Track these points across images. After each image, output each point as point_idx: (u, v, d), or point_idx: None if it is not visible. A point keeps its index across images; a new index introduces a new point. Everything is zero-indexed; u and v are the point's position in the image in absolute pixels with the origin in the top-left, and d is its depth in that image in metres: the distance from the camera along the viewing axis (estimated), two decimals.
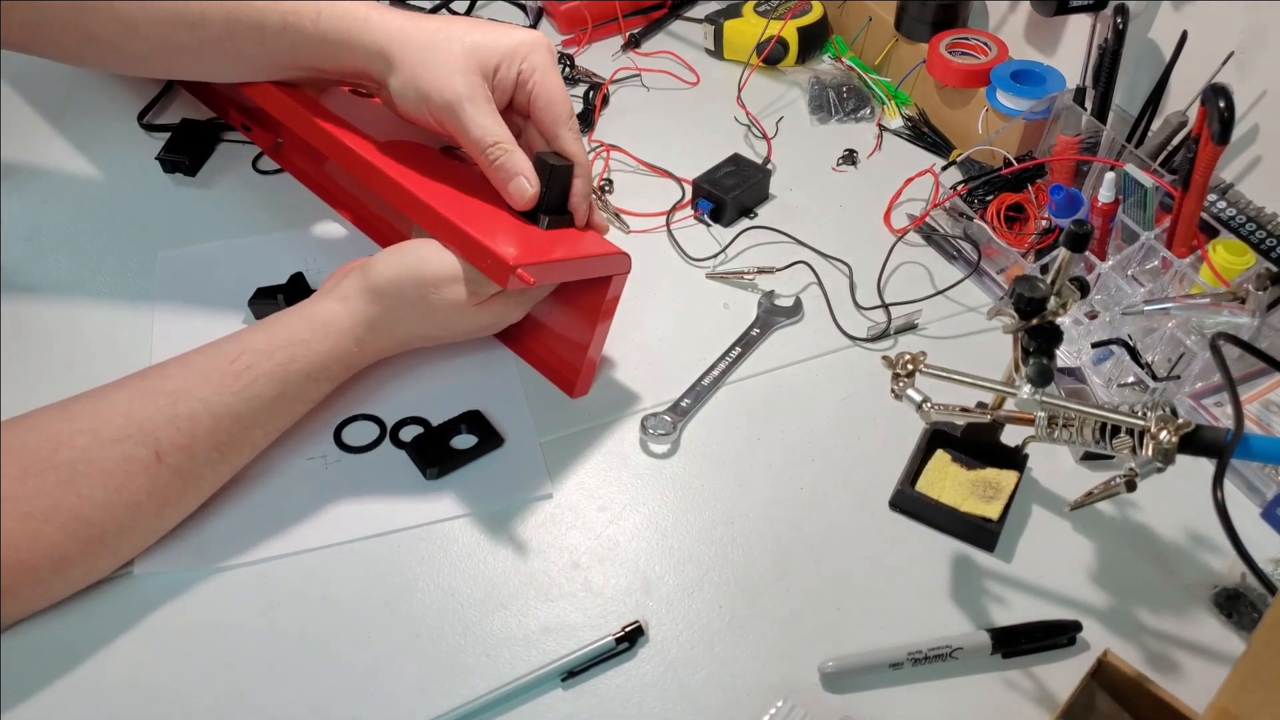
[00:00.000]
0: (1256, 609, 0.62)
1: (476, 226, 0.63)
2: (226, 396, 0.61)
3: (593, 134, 0.94)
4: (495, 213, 0.67)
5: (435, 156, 0.73)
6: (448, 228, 0.63)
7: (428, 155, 0.72)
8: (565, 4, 1.04)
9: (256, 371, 0.62)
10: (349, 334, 0.65)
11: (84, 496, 0.57)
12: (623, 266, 0.68)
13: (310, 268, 0.80)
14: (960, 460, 0.69)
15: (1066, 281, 0.57)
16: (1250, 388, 0.71)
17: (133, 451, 0.58)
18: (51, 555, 0.56)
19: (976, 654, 0.60)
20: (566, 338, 0.73)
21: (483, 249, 0.61)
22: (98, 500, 0.57)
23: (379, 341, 0.67)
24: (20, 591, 0.57)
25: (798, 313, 0.80)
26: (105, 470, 0.57)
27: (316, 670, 0.59)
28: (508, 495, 0.67)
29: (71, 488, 0.56)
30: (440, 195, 0.66)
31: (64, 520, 0.56)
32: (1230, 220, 0.75)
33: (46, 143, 0.90)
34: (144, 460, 0.58)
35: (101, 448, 0.57)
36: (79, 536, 0.57)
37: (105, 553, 0.59)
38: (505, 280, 0.60)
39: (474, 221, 0.64)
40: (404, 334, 0.68)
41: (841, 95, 0.98)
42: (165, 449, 0.59)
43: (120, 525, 0.59)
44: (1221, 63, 0.76)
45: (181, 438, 0.59)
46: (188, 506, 0.62)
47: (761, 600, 0.63)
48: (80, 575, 0.59)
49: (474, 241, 0.62)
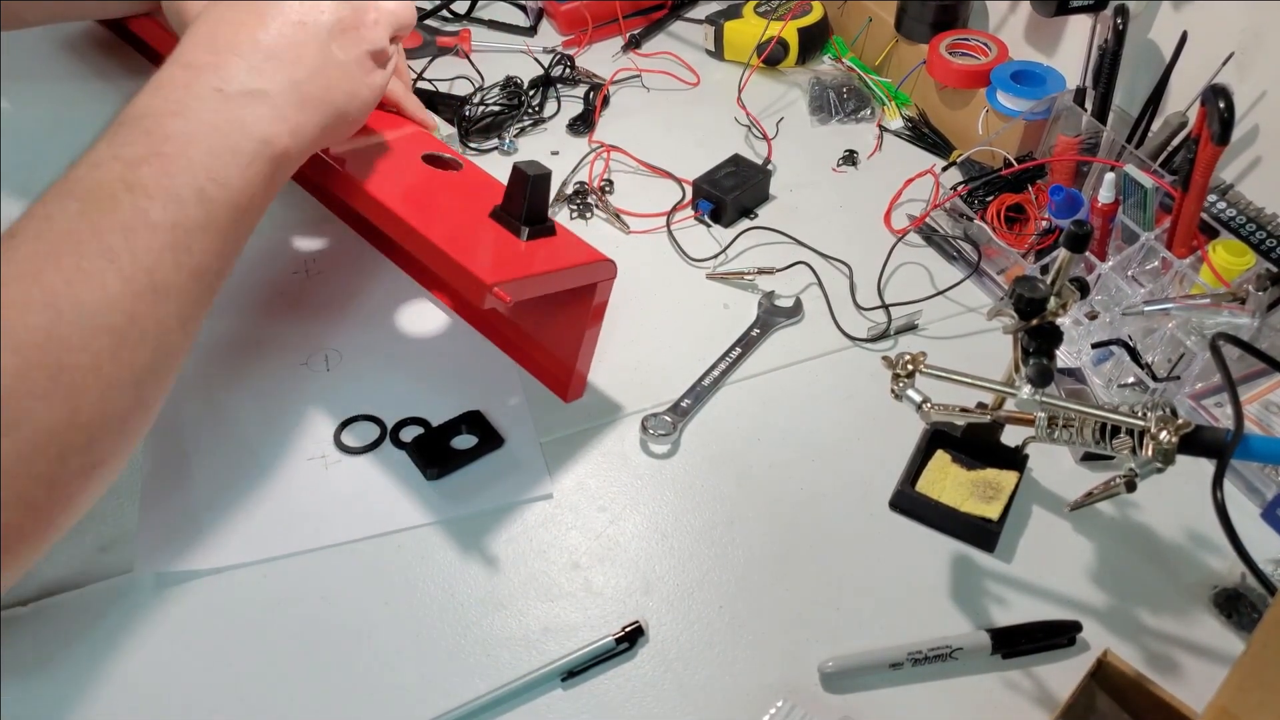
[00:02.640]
0: (1256, 609, 0.62)
1: (453, 243, 0.61)
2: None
3: (593, 134, 0.94)
4: (474, 226, 0.66)
5: (415, 165, 0.70)
6: (423, 244, 0.61)
7: (407, 163, 0.70)
8: (566, 5, 1.04)
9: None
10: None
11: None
12: (608, 273, 0.67)
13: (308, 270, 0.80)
14: (960, 460, 0.69)
15: (1066, 282, 0.57)
16: (1250, 388, 0.71)
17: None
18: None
19: (976, 654, 0.60)
20: (557, 343, 0.73)
21: (459, 267, 0.59)
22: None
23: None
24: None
25: (798, 313, 0.80)
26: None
27: (316, 670, 0.59)
28: (508, 495, 0.67)
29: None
30: (417, 208, 0.64)
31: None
32: (1230, 221, 0.75)
33: (47, 143, 0.90)
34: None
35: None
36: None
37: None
38: (482, 299, 0.58)
39: (451, 237, 0.62)
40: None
41: (842, 96, 0.98)
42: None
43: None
44: (1221, 63, 0.76)
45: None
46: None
47: (761, 600, 0.63)
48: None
49: (450, 260, 0.60)
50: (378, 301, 0.79)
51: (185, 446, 0.68)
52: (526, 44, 1.04)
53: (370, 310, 0.78)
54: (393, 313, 0.78)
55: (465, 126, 0.93)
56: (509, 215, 0.66)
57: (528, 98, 0.97)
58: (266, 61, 0.55)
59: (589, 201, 0.88)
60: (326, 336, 0.76)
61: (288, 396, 0.72)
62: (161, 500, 0.65)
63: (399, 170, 0.68)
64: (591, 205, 0.88)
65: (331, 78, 0.58)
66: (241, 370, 0.73)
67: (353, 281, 0.80)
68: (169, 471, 0.67)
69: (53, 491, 0.47)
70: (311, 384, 0.73)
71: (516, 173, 0.65)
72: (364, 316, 0.78)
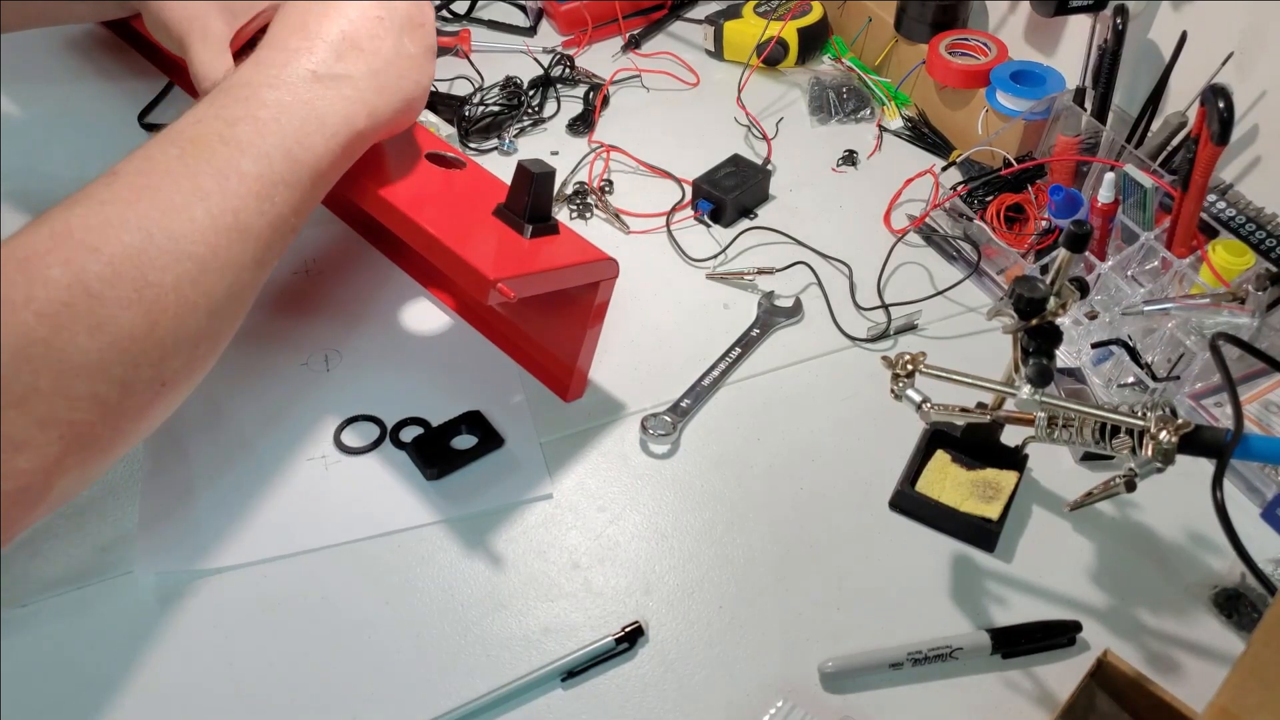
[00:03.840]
0: (1256, 609, 0.62)
1: (457, 239, 0.61)
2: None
3: (593, 135, 0.94)
4: (478, 223, 0.66)
5: (419, 164, 0.71)
6: (428, 240, 0.62)
7: (411, 162, 0.70)
8: (565, 5, 1.04)
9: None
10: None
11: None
12: (610, 272, 0.67)
13: (309, 270, 0.80)
14: (960, 460, 0.69)
15: (1066, 282, 0.57)
16: (1250, 388, 0.71)
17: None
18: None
19: (976, 654, 0.60)
20: (558, 342, 0.73)
21: (463, 263, 0.60)
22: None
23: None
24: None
25: (798, 313, 0.80)
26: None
27: (316, 670, 0.59)
28: (508, 495, 0.67)
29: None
30: (421, 205, 0.64)
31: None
32: (1230, 220, 0.75)
33: (47, 144, 0.90)
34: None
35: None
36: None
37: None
38: (486, 295, 0.59)
39: (456, 233, 0.62)
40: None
41: (841, 96, 0.98)
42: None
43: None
44: (1221, 63, 0.76)
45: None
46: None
47: (761, 600, 0.63)
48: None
49: (454, 256, 0.60)
50: (378, 301, 0.79)
51: (185, 446, 0.68)
52: (526, 44, 1.04)
53: (370, 310, 0.78)
54: (393, 313, 0.78)
55: (465, 127, 0.93)
56: (512, 213, 0.66)
57: (527, 98, 0.97)
58: (351, 50, 0.62)
59: (589, 202, 0.88)
60: (326, 336, 0.76)
61: (288, 396, 0.72)
62: (161, 500, 0.65)
63: (404, 168, 0.68)
64: (591, 205, 0.88)
65: (403, 68, 0.64)
66: (241, 370, 0.73)
67: (353, 281, 0.80)
68: (169, 471, 0.67)
69: (125, 397, 0.50)
70: (311, 384, 0.73)
71: (521, 171, 0.65)
72: (364, 316, 0.78)
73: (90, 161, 0.88)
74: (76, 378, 0.48)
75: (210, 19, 0.66)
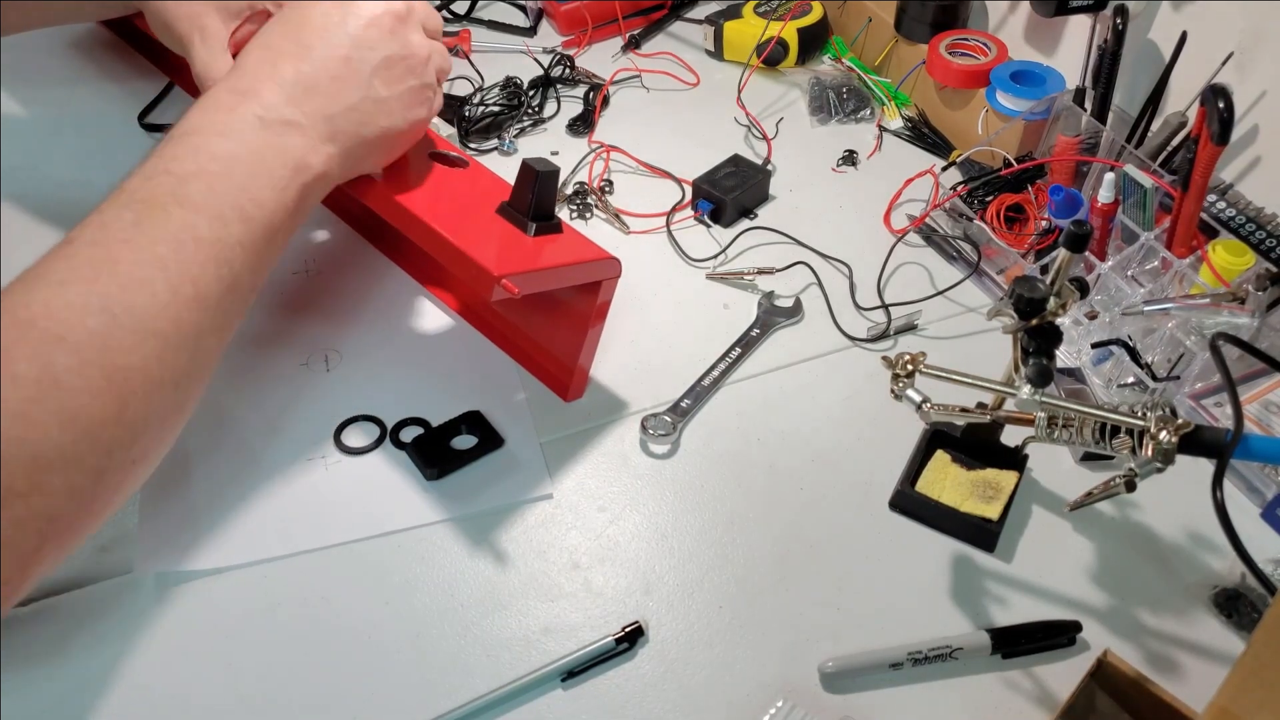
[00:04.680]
0: (1256, 609, 0.62)
1: (462, 236, 0.62)
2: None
3: (593, 135, 0.94)
4: (482, 221, 0.67)
5: (422, 162, 0.71)
6: (432, 237, 0.62)
7: (415, 161, 0.70)
8: (565, 5, 1.04)
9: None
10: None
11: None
12: (613, 271, 0.67)
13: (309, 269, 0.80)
14: (960, 460, 0.69)
15: (1066, 282, 0.57)
16: (1250, 388, 0.71)
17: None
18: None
19: (976, 654, 0.60)
20: (558, 342, 0.73)
21: (467, 260, 0.60)
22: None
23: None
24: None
25: (798, 313, 0.80)
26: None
27: (316, 670, 0.59)
28: (508, 495, 0.67)
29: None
30: (425, 203, 0.65)
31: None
32: (1230, 220, 0.75)
33: (47, 144, 0.90)
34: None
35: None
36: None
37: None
38: (490, 291, 0.59)
39: (459, 231, 0.62)
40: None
41: (841, 96, 0.98)
42: None
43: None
44: (1221, 63, 0.76)
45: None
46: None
47: (761, 600, 0.63)
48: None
49: (458, 252, 0.61)
50: (378, 301, 0.79)
51: (185, 446, 0.68)
52: (526, 44, 1.04)
53: (370, 310, 0.78)
54: (393, 313, 0.78)
55: (465, 127, 0.93)
56: (516, 211, 0.66)
57: (527, 98, 0.97)
58: (305, 94, 0.59)
59: (589, 202, 0.88)
60: (326, 336, 0.76)
61: (288, 396, 0.72)
62: (161, 500, 0.65)
63: (408, 166, 0.69)
64: (591, 205, 0.88)
65: (367, 113, 0.61)
66: (241, 370, 0.73)
67: (353, 281, 0.80)
68: (169, 471, 0.67)
69: (99, 483, 0.49)
70: (311, 384, 0.73)
71: (525, 169, 0.65)
72: (364, 316, 0.78)
73: (91, 161, 0.89)
74: (51, 472, 0.46)
75: (209, 18, 0.66)
